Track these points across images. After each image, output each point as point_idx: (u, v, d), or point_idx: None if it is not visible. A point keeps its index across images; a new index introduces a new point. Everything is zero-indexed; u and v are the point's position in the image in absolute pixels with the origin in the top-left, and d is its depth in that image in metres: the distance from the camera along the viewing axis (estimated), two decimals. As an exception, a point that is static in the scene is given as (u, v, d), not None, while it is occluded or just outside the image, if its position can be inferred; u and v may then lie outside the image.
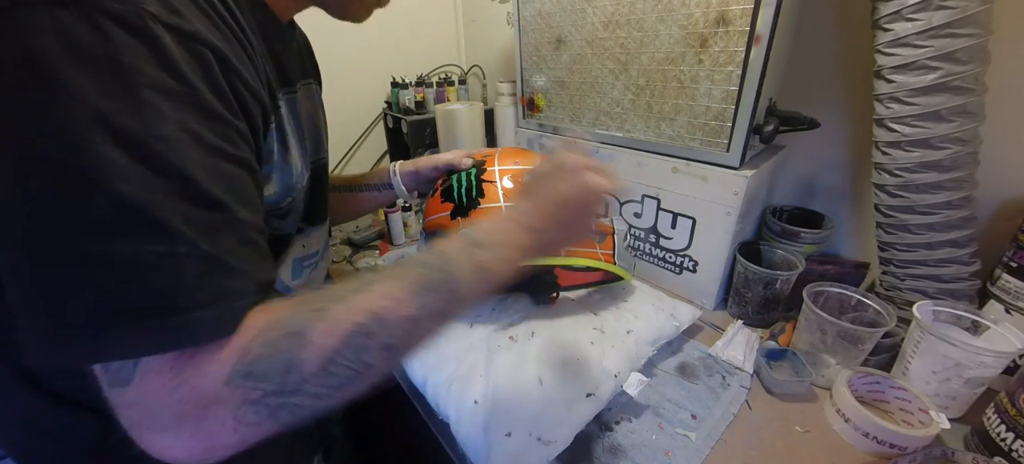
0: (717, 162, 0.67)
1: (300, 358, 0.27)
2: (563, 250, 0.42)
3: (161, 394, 0.25)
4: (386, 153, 1.43)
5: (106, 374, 0.25)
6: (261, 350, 0.26)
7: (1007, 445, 0.46)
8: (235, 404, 0.26)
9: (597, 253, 0.65)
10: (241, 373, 0.26)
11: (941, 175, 0.54)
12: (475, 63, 1.45)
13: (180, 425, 0.25)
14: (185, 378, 0.25)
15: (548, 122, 0.93)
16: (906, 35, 0.51)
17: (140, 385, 0.25)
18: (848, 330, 0.56)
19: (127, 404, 0.25)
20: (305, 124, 0.45)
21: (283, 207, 0.42)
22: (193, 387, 0.25)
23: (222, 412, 0.26)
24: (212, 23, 0.29)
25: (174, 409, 0.25)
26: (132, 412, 0.25)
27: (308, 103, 0.48)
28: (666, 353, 0.65)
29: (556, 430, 0.47)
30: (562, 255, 0.63)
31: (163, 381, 0.25)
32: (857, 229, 0.79)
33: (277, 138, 0.39)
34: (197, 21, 0.27)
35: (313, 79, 0.52)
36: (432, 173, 0.68)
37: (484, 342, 0.60)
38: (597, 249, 0.66)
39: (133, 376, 0.25)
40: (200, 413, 0.25)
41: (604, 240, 0.67)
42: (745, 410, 0.56)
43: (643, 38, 0.70)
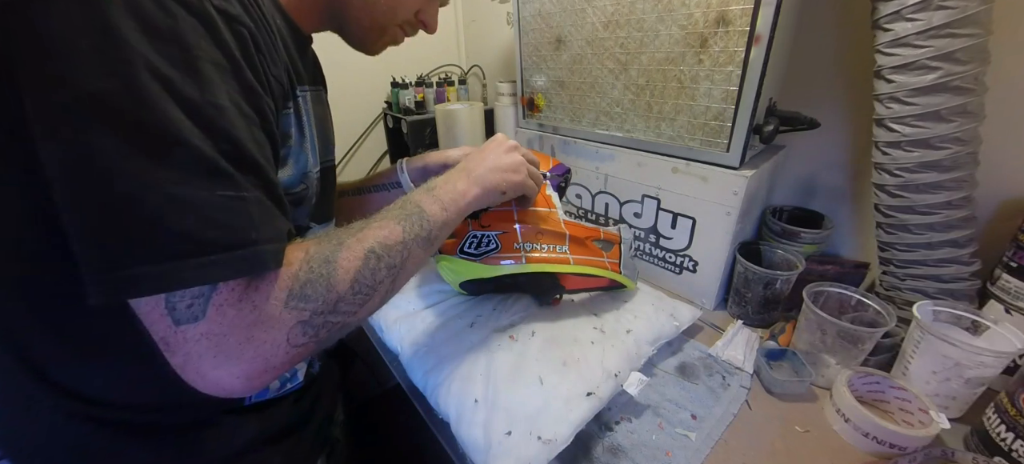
0: (717, 162, 0.67)
1: (335, 279, 0.33)
2: (499, 193, 0.52)
3: (233, 321, 0.29)
4: (386, 153, 1.43)
5: (173, 313, 0.28)
6: (308, 275, 0.32)
7: (1007, 445, 0.46)
8: (289, 324, 0.31)
9: (604, 262, 0.66)
10: (296, 295, 0.31)
11: (941, 175, 0.54)
12: (475, 63, 1.45)
13: (241, 351, 0.29)
14: (253, 303, 0.30)
15: (548, 122, 0.93)
16: (906, 35, 0.51)
17: (212, 316, 0.29)
18: (848, 330, 0.56)
19: (194, 338, 0.29)
20: (316, 125, 0.47)
21: (296, 192, 0.45)
22: (260, 311, 0.30)
23: (279, 333, 0.31)
24: (246, 10, 0.33)
25: (241, 333, 0.29)
26: (197, 346, 0.29)
27: (319, 107, 0.50)
28: (666, 353, 0.65)
29: (556, 429, 0.47)
30: (568, 263, 0.63)
31: (236, 309, 0.29)
32: (857, 229, 0.79)
33: (295, 124, 0.42)
34: (238, 5, 0.32)
35: (322, 87, 0.55)
36: (441, 169, 0.67)
37: (484, 341, 0.60)
38: (604, 258, 0.66)
39: (205, 310, 0.28)
40: (261, 336, 0.30)
41: (611, 249, 0.67)
42: (745, 410, 0.56)
43: (643, 38, 0.70)
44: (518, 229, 0.61)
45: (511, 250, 0.61)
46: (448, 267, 0.65)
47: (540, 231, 0.62)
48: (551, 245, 0.62)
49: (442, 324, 0.66)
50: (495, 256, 0.61)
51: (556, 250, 0.63)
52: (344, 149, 1.35)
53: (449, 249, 0.63)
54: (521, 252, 0.61)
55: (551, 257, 0.62)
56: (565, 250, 0.63)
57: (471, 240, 0.61)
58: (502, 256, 0.61)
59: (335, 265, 0.34)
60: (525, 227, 0.61)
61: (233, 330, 0.29)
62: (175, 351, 0.29)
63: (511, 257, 0.61)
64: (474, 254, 0.61)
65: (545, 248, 0.62)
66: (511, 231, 0.61)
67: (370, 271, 0.36)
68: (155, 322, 0.29)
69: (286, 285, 0.31)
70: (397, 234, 0.39)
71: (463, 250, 0.61)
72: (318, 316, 0.32)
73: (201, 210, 0.27)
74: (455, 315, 0.68)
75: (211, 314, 0.29)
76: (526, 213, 0.62)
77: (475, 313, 0.67)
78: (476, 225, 0.61)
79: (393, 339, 0.67)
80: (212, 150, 0.28)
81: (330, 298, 0.33)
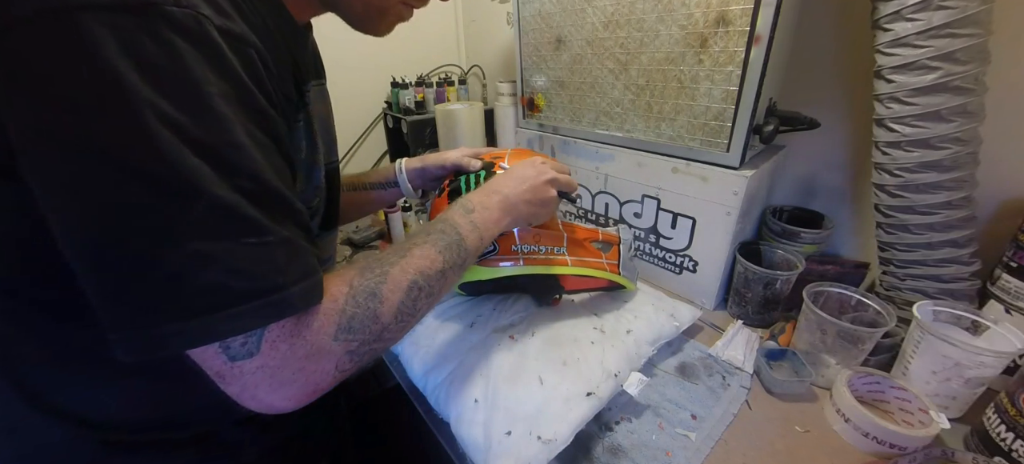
0: (717, 162, 0.67)
1: (380, 311, 0.34)
2: (525, 214, 0.52)
3: (285, 355, 0.30)
4: (386, 153, 1.43)
5: (227, 351, 0.29)
6: (354, 310, 0.33)
7: (1007, 445, 0.46)
8: (339, 354, 0.32)
9: (602, 263, 0.65)
10: (344, 329, 0.32)
11: (941, 175, 0.54)
12: (475, 63, 1.45)
13: (294, 379, 0.31)
14: (304, 338, 0.31)
15: (548, 122, 0.93)
16: (906, 35, 0.51)
17: (267, 352, 0.29)
18: (848, 330, 0.56)
19: (250, 371, 0.29)
20: (319, 125, 0.46)
21: (312, 207, 0.44)
22: (311, 344, 0.31)
23: (328, 363, 0.32)
24: (248, 23, 0.30)
25: (294, 365, 0.30)
26: (254, 377, 0.30)
27: (321, 104, 0.49)
28: (666, 353, 0.65)
29: (556, 429, 0.47)
30: (566, 264, 0.63)
31: (288, 344, 0.30)
32: (857, 229, 0.79)
33: (305, 134, 0.41)
34: (240, 21, 0.29)
35: (323, 78, 0.52)
36: (439, 171, 0.67)
37: (484, 342, 0.60)
38: (603, 259, 0.66)
39: (259, 347, 0.29)
40: (313, 366, 0.31)
41: (610, 250, 0.67)
42: (745, 410, 0.56)
43: (643, 38, 0.70)
44: (516, 231, 0.61)
45: (509, 252, 0.61)
46: None
47: (538, 233, 0.62)
48: (549, 247, 0.62)
49: (442, 324, 0.66)
50: (493, 258, 0.61)
51: (554, 252, 0.63)
52: (344, 149, 1.35)
53: None
54: (519, 254, 0.61)
55: (549, 259, 0.62)
56: (563, 251, 0.63)
57: None
58: (500, 258, 0.61)
59: (381, 299, 0.34)
60: (523, 229, 0.61)
61: (287, 363, 0.30)
62: (231, 383, 0.30)
63: (509, 259, 0.61)
64: None
65: (543, 250, 0.62)
66: (509, 233, 0.61)
67: (412, 301, 0.37)
68: (209, 360, 0.29)
69: (334, 320, 0.32)
70: (438, 263, 0.40)
71: None
72: (365, 345, 0.34)
73: (227, 262, 0.27)
74: (455, 315, 0.67)
75: (265, 350, 0.29)
76: None
77: (475, 313, 0.67)
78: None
79: (393, 339, 0.67)
80: (234, 194, 0.27)
81: (376, 329, 0.34)
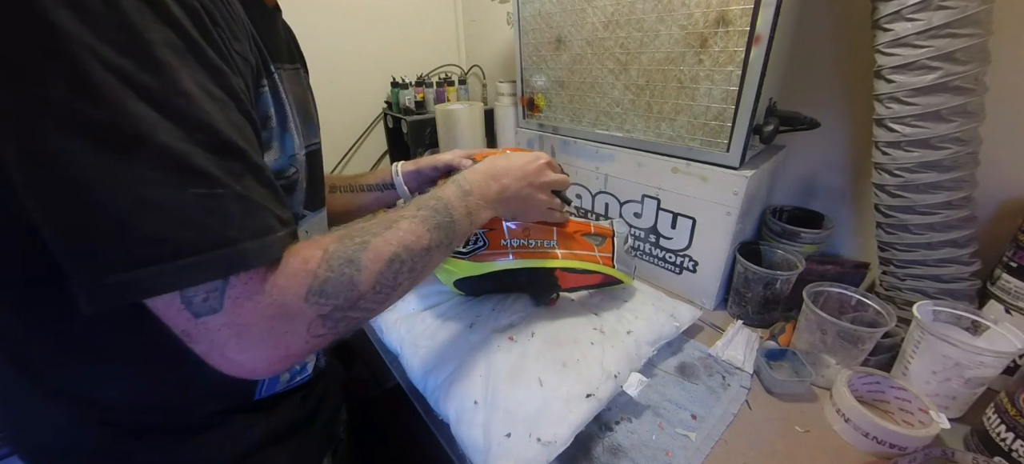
0: (717, 162, 0.67)
1: (358, 279, 0.33)
2: (513, 211, 0.53)
3: (251, 312, 0.29)
4: (386, 153, 1.43)
5: (190, 307, 0.28)
6: (328, 274, 0.32)
7: (1007, 445, 0.46)
8: (310, 317, 0.31)
9: (595, 256, 0.65)
10: (316, 291, 0.31)
11: (941, 175, 0.54)
12: (475, 63, 1.45)
13: (263, 339, 0.30)
14: (271, 296, 0.30)
15: (548, 122, 0.93)
16: (906, 35, 0.51)
17: (230, 308, 0.29)
18: (848, 330, 0.56)
19: (215, 328, 0.29)
20: (296, 106, 0.45)
21: (288, 177, 0.43)
22: (279, 304, 0.30)
23: (300, 325, 0.31)
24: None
25: (262, 324, 0.30)
26: (219, 334, 0.29)
27: (296, 87, 0.48)
28: (666, 353, 0.65)
29: (556, 430, 0.47)
30: (557, 257, 0.64)
31: (252, 302, 0.29)
32: (857, 229, 0.79)
33: (273, 104, 0.40)
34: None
35: (300, 65, 0.52)
36: (433, 173, 0.69)
37: (484, 342, 0.60)
38: (595, 252, 0.66)
39: (222, 303, 0.28)
40: (282, 326, 0.30)
41: (603, 243, 0.67)
42: (745, 410, 0.56)
43: (643, 38, 0.70)
44: (505, 226, 0.62)
45: (498, 247, 0.62)
46: (440, 267, 0.65)
47: (527, 226, 0.63)
48: (539, 240, 0.63)
49: (442, 325, 0.66)
50: (484, 253, 0.62)
51: (544, 245, 0.63)
52: (344, 149, 1.35)
53: None
54: (508, 248, 0.62)
55: (539, 252, 0.63)
56: (553, 245, 0.64)
57: None
58: (491, 253, 0.62)
59: (359, 265, 0.34)
60: (513, 223, 0.62)
61: (253, 320, 0.29)
62: (198, 340, 0.29)
63: (499, 253, 0.62)
64: (463, 253, 0.63)
65: (533, 243, 0.63)
66: (498, 228, 0.62)
67: (392, 274, 0.36)
68: (173, 317, 0.28)
69: (305, 281, 0.31)
70: (424, 240, 0.39)
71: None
72: (339, 311, 0.33)
73: (174, 211, 0.26)
74: (454, 316, 0.67)
75: (228, 306, 0.29)
76: None
77: (474, 314, 0.67)
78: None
79: (393, 340, 0.67)
80: (183, 143, 0.26)
81: (352, 296, 0.33)
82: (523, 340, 0.60)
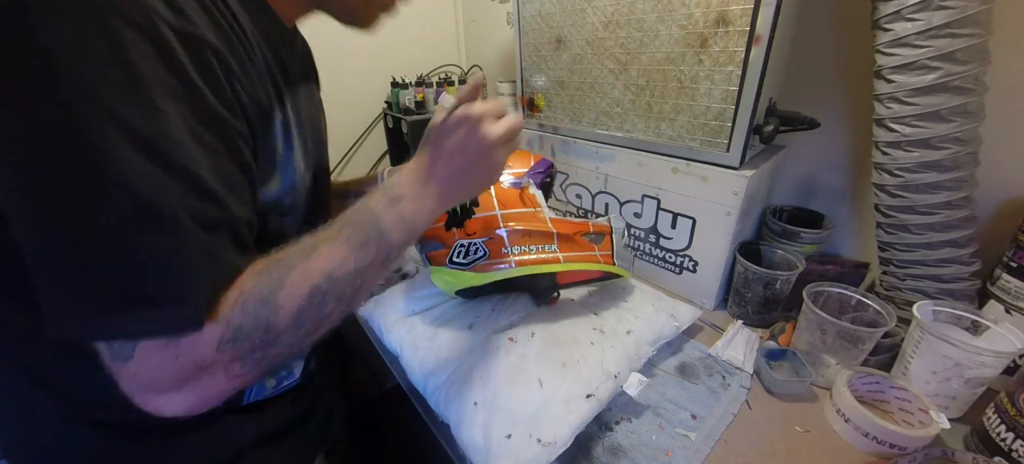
0: (717, 162, 0.67)
1: (274, 320, 0.31)
2: (470, 192, 0.45)
3: (160, 365, 0.29)
4: (386, 153, 1.43)
5: (108, 349, 0.28)
6: (241, 320, 0.30)
7: (1007, 445, 0.46)
8: (225, 362, 0.30)
9: (596, 255, 0.65)
10: (228, 339, 0.30)
11: (941, 175, 0.54)
12: (475, 63, 1.45)
13: (178, 387, 0.30)
14: (181, 351, 0.29)
15: (548, 122, 0.93)
16: (906, 35, 0.51)
17: (140, 360, 0.28)
18: (848, 330, 0.56)
19: (128, 375, 0.29)
20: (306, 127, 0.45)
21: (285, 205, 0.43)
22: (189, 358, 0.29)
23: (215, 371, 0.30)
24: (213, 23, 0.30)
25: (172, 376, 0.29)
26: (132, 381, 0.29)
27: (309, 106, 0.48)
28: (666, 353, 0.65)
29: (556, 431, 0.47)
30: (559, 262, 0.63)
31: (161, 356, 0.29)
32: (857, 229, 0.79)
33: (283, 137, 0.40)
34: (200, 22, 0.29)
35: (314, 82, 0.52)
36: None
37: (484, 343, 0.60)
38: (595, 251, 0.66)
39: (132, 353, 0.28)
40: (196, 375, 0.30)
41: (602, 241, 0.67)
42: (745, 410, 0.56)
43: (643, 38, 0.70)
44: (504, 235, 0.60)
45: (499, 256, 0.60)
46: (441, 278, 0.65)
47: (527, 232, 0.61)
48: (540, 246, 0.62)
49: (441, 326, 0.66)
50: (484, 263, 0.60)
51: (545, 250, 0.62)
52: (344, 149, 1.35)
53: (439, 260, 0.62)
54: (510, 256, 0.60)
55: (541, 258, 0.61)
56: (554, 249, 0.62)
57: (459, 250, 0.61)
58: (492, 262, 0.60)
59: (275, 306, 0.31)
60: (511, 231, 0.61)
61: (161, 373, 0.29)
62: (119, 380, 0.29)
63: (501, 262, 0.60)
64: (463, 263, 0.61)
65: (534, 249, 0.61)
66: (497, 237, 0.60)
67: (315, 307, 0.33)
68: (102, 352, 0.29)
69: (216, 334, 0.30)
70: (350, 264, 0.35)
71: (452, 261, 0.61)
72: (256, 351, 0.32)
73: (136, 260, 0.26)
74: (454, 317, 0.67)
75: (137, 356, 0.28)
76: (510, 216, 0.62)
77: (474, 314, 0.67)
78: (462, 234, 0.61)
79: (393, 340, 0.67)
80: (161, 190, 0.26)
81: (268, 337, 0.31)
82: (523, 341, 0.60)
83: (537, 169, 0.69)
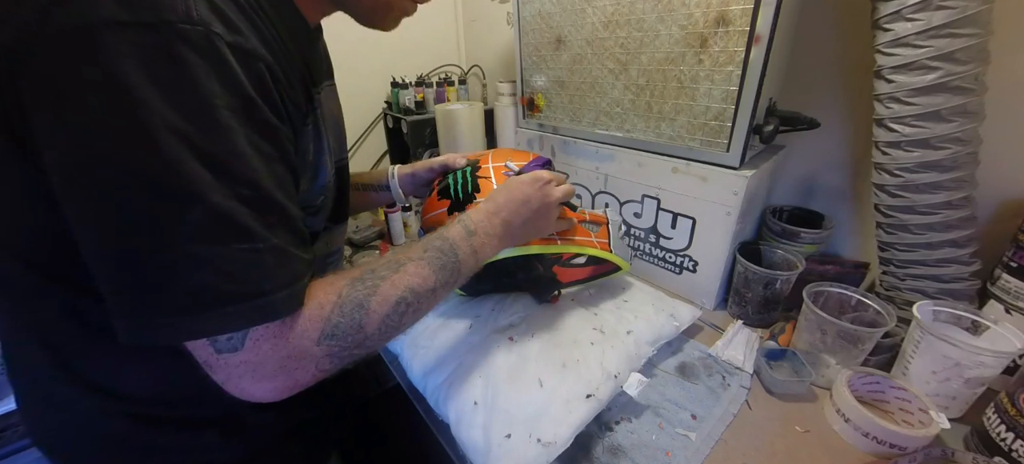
0: (717, 162, 0.67)
1: (365, 322, 0.36)
2: (526, 237, 0.53)
3: (269, 353, 0.32)
4: (386, 153, 1.43)
5: (214, 344, 0.31)
6: (339, 318, 0.35)
7: (1007, 445, 0.46)
8: (319, 357, 0.34)
9: (592, 240, 0.65)
10: (327, 335, 0.34)
11: (941, 175, 0.54)
12: (475, 63, 1.45)
13: (275, 374, 0.33)
14: (287, 340, 0.33)
15: (548, 122, 0.93)
16: (906, 35, 0.51)
17: (250, 347, 0.32)
18: (848, 330, 0.56)
19: (234, 364, 0.32)
20: (329, 124, 0.47)
21: (317, 205, 0.45)
22: (293, 346, 0.33)
23: (310, 363, 0.34)
24: (259, 36, 0.32)
25: (277, 364, 0.33)
26: (238, 369, 0.32)
27: (331, 104, 0.50)
28: (666, 353, 0.65)
29: (556, 431, 0.47)
30: (556, 243, 0.63)
31: (273, 345, 0.32)
32: (857, 229, 0.79)
33: (314, 137, 0.42)
34: (252, 36, 0.31)
35: (332, 78, 0.54)
36: (428, 174, 0.70)
37: (484, 343, 0.60)
38: (592, 236, 0.66)
39: (243, 343, 0.31)
40: (294, 365, 0.34)
41: (598, 229, 0.67)
42: (745, 410, 0.56)
43: (643, 38, 0.70)
44: None
45: None
46: None
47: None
48: None
49: (441, 326, 0.66)
50: None
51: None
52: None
53: None
54: None
55: (537, 240, 0.61)
56: (550, 231, 0.62)
57: None
58: None
59: (367, 311, 0.36)
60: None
61: (268, 360, 0.32)
62: (217, 371, 0.32)
63: None
64: None
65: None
66: None
67: (398, 316, 0.38)
68: (198, 350, 0.31)
69: (318, 327, 0.34)
70: (430, 282, 0.41)
71: None
72: (345, 351, 0.36)
73: (218, 265, 0.29)
74: (454, 316, 0.67)
75: (249, 346, 0.31)
76: None
77: (474, 314, 0.67)
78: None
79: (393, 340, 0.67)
80: (231, 201, 0.29)
81: (359, 338, 0.36)
82: (523, 340, 0.60)
83: (535, 164, 0.70)
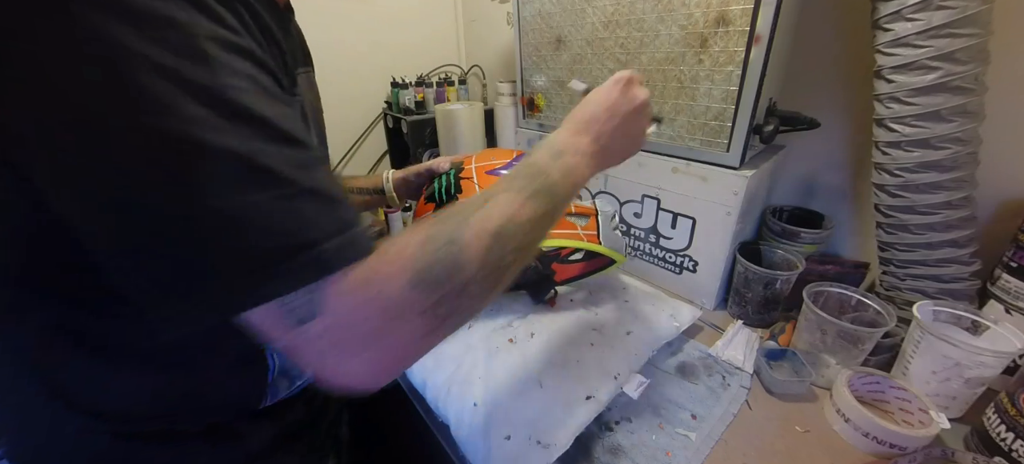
0: (717, 162, 0.67)
1: (463, 259, 0.29)
2: (620, 154, 0.46)
3: (354, 310, 0.27)
4: (386, 153, 1.43)
5: (289, 316, 0.26)
6: (430, 258, 0.28)
7: (1007, 445, 0.46)
8: (417, 311, 0.28)
9: (578, 233, 0.66)
10: (419, 278, 0.28)
11: (941, 175, 0.54)
12: (475, 63, 1.44)
13: (367, 342, 0.27)
14: (374, 289, 0.27)
15: (548, 122, 0.93)
16: (906, 35, 0.51)
17: (332, 310, 0.26)
18: (848, 330, 0.56)
19: (315, 337, 0.26)
20: (310, 115, 0.45)
21: None
22: (382, 296, 0.27)
23: (406, 323, 0.28)
24: (245, 26, 0.28)
25: (365, 325, 0.27)
26: (320, 343, 0.26)
27: (310, 92, 0.47)
28: (666, 353, 0.65)
29: (556, 433, 0.47)
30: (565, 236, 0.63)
31: (355, 298, 0.26)
32: (857, 229, 0.79)
33: (301, 115, 0.39)
34: (239, 27, 0.27)
35: (310, 66, 0.51)
36: (417, 179, 0.71)
37: (483, 344, 0.60)
38: (578, 229, 0.66)
39: (322, 306, 0.26)
40: (388, 324, 0.27)
41: (586, 221, 0.68)
42: (745, 410, 0.56)
43: (643, 38, 0.70)
44: None
45: None
46: None
47: None
48: None
49: (442, 325, 0.66)
50: None
51: None
52: (344, 149, 1.35)
53: None
54: None
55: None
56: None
57: None
58: None
59: (462, 245, 0.30)
60: None
61: (355, 320, 0.27)
62: (303, 351, 0.27)
63: None
64: None
65: None
66: None
67: (499, 250, 0.32)
68: (272, 328, 0.26)
69: (408, 266, 0.28)
70: (527, 211, 0.34)
71: None
72: (447, 300, 0.29)
73: (251, 221, 0.24)
74: (455, 316, 0.67)
75: (329, 306, 0.26)
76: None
77: (475, 314, 0.67)
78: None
79: (393, 340, 0.67)
80: (244, 142, 0.24)
81: (459, 280, 0.29)
82: (523, 341, 0.60)
83: (517, 161, 0.70)
